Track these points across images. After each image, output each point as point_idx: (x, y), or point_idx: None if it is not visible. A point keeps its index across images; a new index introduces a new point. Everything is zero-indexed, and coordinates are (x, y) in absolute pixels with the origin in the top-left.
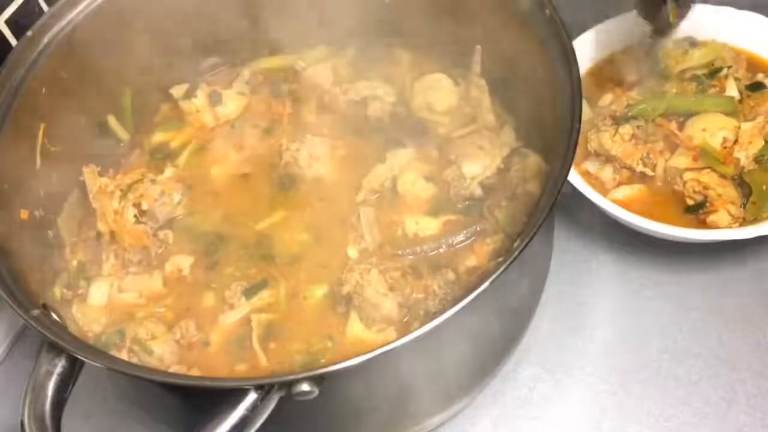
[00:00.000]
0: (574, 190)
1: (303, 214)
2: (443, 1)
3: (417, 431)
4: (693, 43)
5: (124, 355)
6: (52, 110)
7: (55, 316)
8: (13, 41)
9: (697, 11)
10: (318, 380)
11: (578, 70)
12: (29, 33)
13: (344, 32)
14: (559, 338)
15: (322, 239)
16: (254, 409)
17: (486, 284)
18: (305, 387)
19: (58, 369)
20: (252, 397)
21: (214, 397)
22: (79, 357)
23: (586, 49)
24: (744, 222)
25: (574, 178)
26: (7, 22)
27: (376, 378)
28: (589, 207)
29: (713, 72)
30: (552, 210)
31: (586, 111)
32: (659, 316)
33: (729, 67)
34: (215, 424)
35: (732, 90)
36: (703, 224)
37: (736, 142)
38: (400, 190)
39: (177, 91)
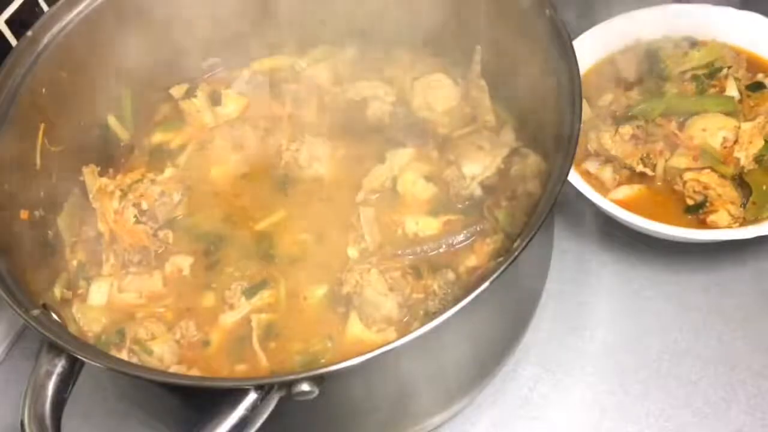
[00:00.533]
0: (574, 190)
1: (303, 214)
2: (444, 1)
3: (417, 431)
4: (693, 43)
5: (124, 355)
6: (52, 110)
7: (55, 316)
8: (13, 41)
9: (697, 11)
10: (318, 380)
11: (578, 70)
12: (29, 33)
13: (344, 32)
14: (559, 338)
15: (322, 239)
16: (254, 409)
17: (486, 284)
18: (305, 387)
19: (58, 369)
20: (252, 397)
21: (214, 397)
22: (79, 357)
23: (586, 49)
24: (744, 222)
25: (574, 178)
26: (7, 22)
27: (376, 378)
28: (589, 207)
29: (713, 72)
30: (552, 210)
31: (586, 111)
32: (659, 316)
33: (729, 67)
34: (215, 424)
35: (732, 90)
36: (703, 224)
37: (736, 142)
38: (400, 190)
39: (177, 91)
